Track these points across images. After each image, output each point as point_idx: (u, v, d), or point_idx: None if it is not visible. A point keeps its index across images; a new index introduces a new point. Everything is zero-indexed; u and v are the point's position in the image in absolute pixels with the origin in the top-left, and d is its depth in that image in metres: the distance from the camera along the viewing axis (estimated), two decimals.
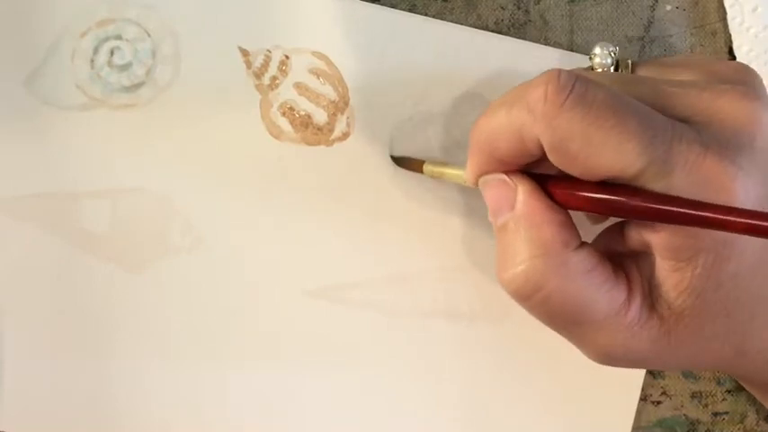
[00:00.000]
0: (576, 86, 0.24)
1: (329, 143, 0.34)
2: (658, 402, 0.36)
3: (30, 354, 0.34)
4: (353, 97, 0.34)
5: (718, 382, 0.36)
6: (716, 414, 0.36)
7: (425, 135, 0.34)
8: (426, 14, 0.34)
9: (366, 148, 0.34)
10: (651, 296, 0.26)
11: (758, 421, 0.36)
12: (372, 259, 0.34)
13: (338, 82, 0.34)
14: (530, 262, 0.26)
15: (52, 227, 0.33)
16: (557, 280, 0.26)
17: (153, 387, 0.34)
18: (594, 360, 0.28)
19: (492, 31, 0.34)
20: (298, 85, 0.34)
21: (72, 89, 0.33)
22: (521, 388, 0.35)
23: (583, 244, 0.26)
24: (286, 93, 0.34)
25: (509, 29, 0.34)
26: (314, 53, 0.34)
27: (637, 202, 0.24)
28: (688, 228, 0.24)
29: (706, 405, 0.36)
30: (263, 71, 0.34)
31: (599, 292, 0.26)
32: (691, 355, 0.27)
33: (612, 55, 0.31)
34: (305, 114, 0.34)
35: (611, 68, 0.31)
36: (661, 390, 0.36)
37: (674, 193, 0.24)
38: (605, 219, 0.30)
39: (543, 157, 0.26)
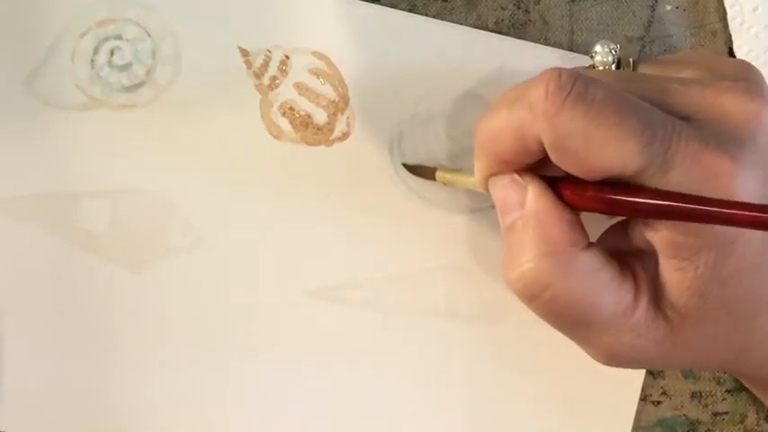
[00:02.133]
0: (577, 85, 0.24)
1: (329, 143, 0.34)
2: (658, 402, 0.36)
3: (30, 354, 0.34)
4: (353, 97, 0.34)
5: (718, 382, 0.36)
6: (716, 414, 0.36)
7: (425, 135, 0.34)
8: (426, 14, 0.34)
9: (366, 148, 0.34)
10: (656, 296, 0.26)
11: (758, 421, 0.36)
12: (372, 259, 0.34)
13: (338, 82, 0.34)
14: (537, 261, 0.26)
15: (52, 227, 0.33)
16: (564, 279, 0.26)
17: (153, 387, 0.34)
18: (600, 361, 0.28)
19: (492, 31, 0.34)
20: (298, 85, 0.34)
21: (72, 89, 0.33)
22: (520, 388, 0.35)
23: (590, 244, 0.26)
24: (286, 93, 0.34)
25: (509, 29, 0.34)
26: (314, 53, 0.34)
27: (643, 199, 0.24)
28: (689, 225, 0.24)
29: (706, 405, 0.36)
30: (263, 71, 0.34)
31: (606, 291, 0.26)
32: (694, 355, 0.27)
33: (613, 53, 0.31)
34: (305, 114, 0.34)
35: (613, 66, 0.31)
36: (661, 390, 0.36)
37: (673, 190, 0.24)
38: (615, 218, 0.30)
39: (547, 158, 0.26)
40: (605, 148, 0.24)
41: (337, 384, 0.34)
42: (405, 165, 0.34)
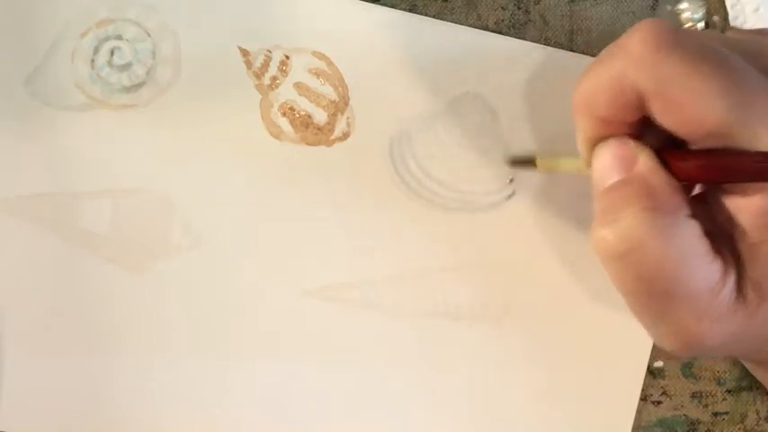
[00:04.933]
0: (675, 34, 0.24)
1: (329, 143, 0.34)
2: (658, 402, 0.36)
3: (30, 354, 0.34)
4: (353, 97, 0.34)
5: (719, 383, 0.36)
6: (716, 414, 0.36)
7: (425, 135, 0.34)
8: (426, 14, 0.34)
9: (366, 148, 0.34)
10: (739, 277, 0.26)
11: (758, 421, 0.36)
12: (372, 259, 0.34)
13: (338, 82, 0.34)
14: (638, 215, 0.25)
15: (52, 227, 0.34)
16: (662, 239, 0.25)
17: (153, 387, 0.34)
18: (668, 345, 0.27)
19: (492, 31, 0.34)
20: (298, 86, 0.34)
21: (72, 89, 0.33)
22: (521, 388, 0.35)
23: (692, 215, 0.26)
24: (286, 93, 0.34)
25: (509, 29, 0.34)
26: (314, 53, 0.34)
27: (747, 160, 0.24)
28: None
29: (706, 405, 0.36)
30: (264, 71, 0.34)
31: (699, 263, 0.25)
32: (757, 341, 0.27)
33: (702, 9, 0.31)
34: (305, 114, 0.34)
35: (701, 24, 0.31)
36: (661, 390, 0.36)
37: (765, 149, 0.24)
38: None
39: (646, 130, 0.26)
40: (703, 98, 0.24)
41: (338, 384, 0.35)
42: (509, 160, 0.34)
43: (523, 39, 0.34)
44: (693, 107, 0.24)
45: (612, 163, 0.26)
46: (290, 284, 0.34)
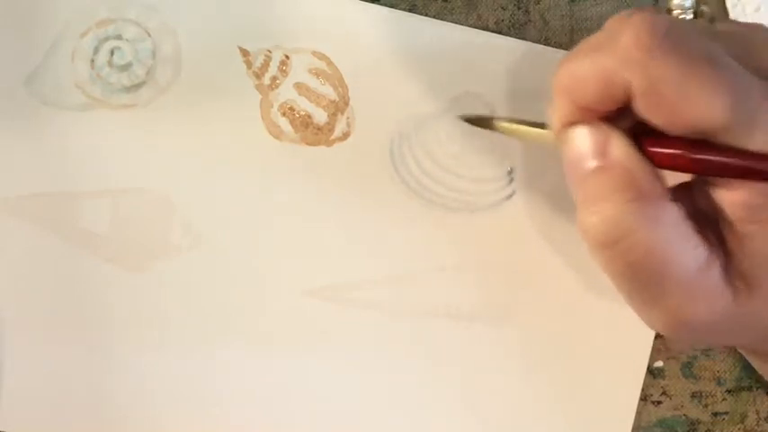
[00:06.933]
0: (670, 34, 0.24)
1: (329, 143, 0.34)
2: (658, 402, 0.36)
3: (30, 354, 0.34)
4: (353, 97, 0.34)
5: (719, 382, 0.36)
6: (716, 414, 0.36)
7: (425, 135, 0.34)
8: (426, 14, 0.34)
9: (366, 148, 0.34)
10: (725, 263, 0.26)
11: (758, 421, 0.36)
12: (372, 259, 0.34)
13: (338, 82, 0.34)
14: (623, 206, 0.25)
15: (52, 227, 0.34)
16: (648, 227, 0.25)
17: (153, 387, 0.34)
18: (661, 328, 0.27)
19: (492, 31, 0.34)
20: (298, 85, 0.34)
21: (72, 89, 0.33)
22: (521, 388, 0.35)
23: (673, 198, 0.26)
24: (286, 93, 0.34)
25: (509, 29, 0.34)
26: (314, 53, 0.34)
27: (732, 159, 0.24)
28: (765, 187, 0.24)
29: (706, 405, 0.36)
30: (264, 71, 0.34)
31: (687, 246, 0.25)
32: (751, 331, 0.27)
33: None
34: (305, 114, 0.34)
35: (690, 14, 0.30)
36: (661, 390, 0.36)
37: (755, 150, 0.24)
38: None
39: (623, 113, 0.25)
40: (697, 100, 0.24)
41: (337, 384, 0.35)
42: (462, 117, 0.33)
43: (523, 39, 0.34)
44: (686, 110, 0.24)
45: (588, 149, 0.26)
46: (290, 284, 0.34)
